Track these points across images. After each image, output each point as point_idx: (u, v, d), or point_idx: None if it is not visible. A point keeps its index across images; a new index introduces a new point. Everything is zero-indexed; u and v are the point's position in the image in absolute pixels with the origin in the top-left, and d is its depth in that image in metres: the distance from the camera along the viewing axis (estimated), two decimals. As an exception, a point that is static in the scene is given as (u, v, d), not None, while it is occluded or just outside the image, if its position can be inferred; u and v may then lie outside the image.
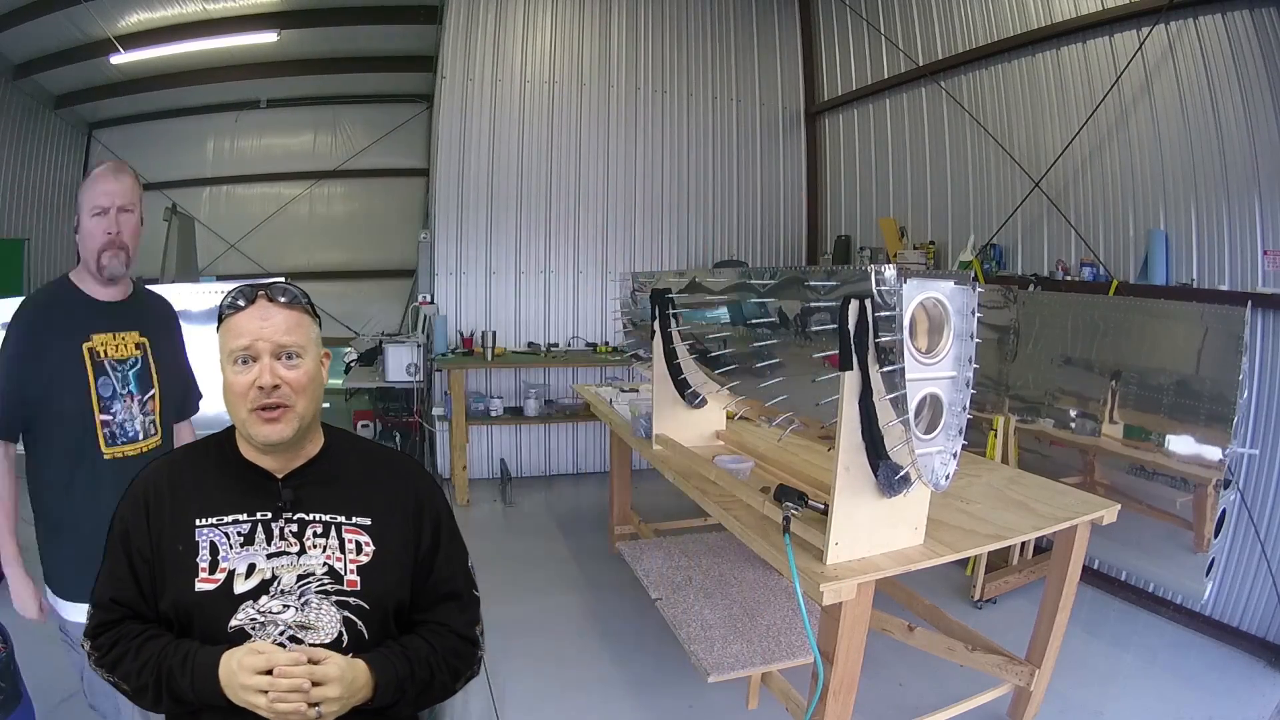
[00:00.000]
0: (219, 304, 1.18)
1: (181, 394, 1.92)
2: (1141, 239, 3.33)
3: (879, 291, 1.56)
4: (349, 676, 1.06)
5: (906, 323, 1.55)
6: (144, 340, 1.76)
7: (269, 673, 1.02)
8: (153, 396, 1.77)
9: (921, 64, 4.56)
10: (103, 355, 1.68)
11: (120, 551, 1.15)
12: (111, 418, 1.69)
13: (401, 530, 1.22)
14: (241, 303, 1.16)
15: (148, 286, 1.91)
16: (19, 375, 1.63)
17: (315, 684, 1.03)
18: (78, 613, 1.53)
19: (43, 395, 1.63)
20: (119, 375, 1.70)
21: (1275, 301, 2.81)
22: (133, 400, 1.72)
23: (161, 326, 1.85)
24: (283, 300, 1.16)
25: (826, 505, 1.76)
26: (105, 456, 1.67)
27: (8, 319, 1.67)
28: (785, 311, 1.96)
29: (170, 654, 1.08)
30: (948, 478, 1.65)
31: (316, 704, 1.03)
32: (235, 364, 1.13)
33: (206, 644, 1.08)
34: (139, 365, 1.75)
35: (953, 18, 4.37)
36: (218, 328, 1.18)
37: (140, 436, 1.73)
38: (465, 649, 1.24)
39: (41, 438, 1.67)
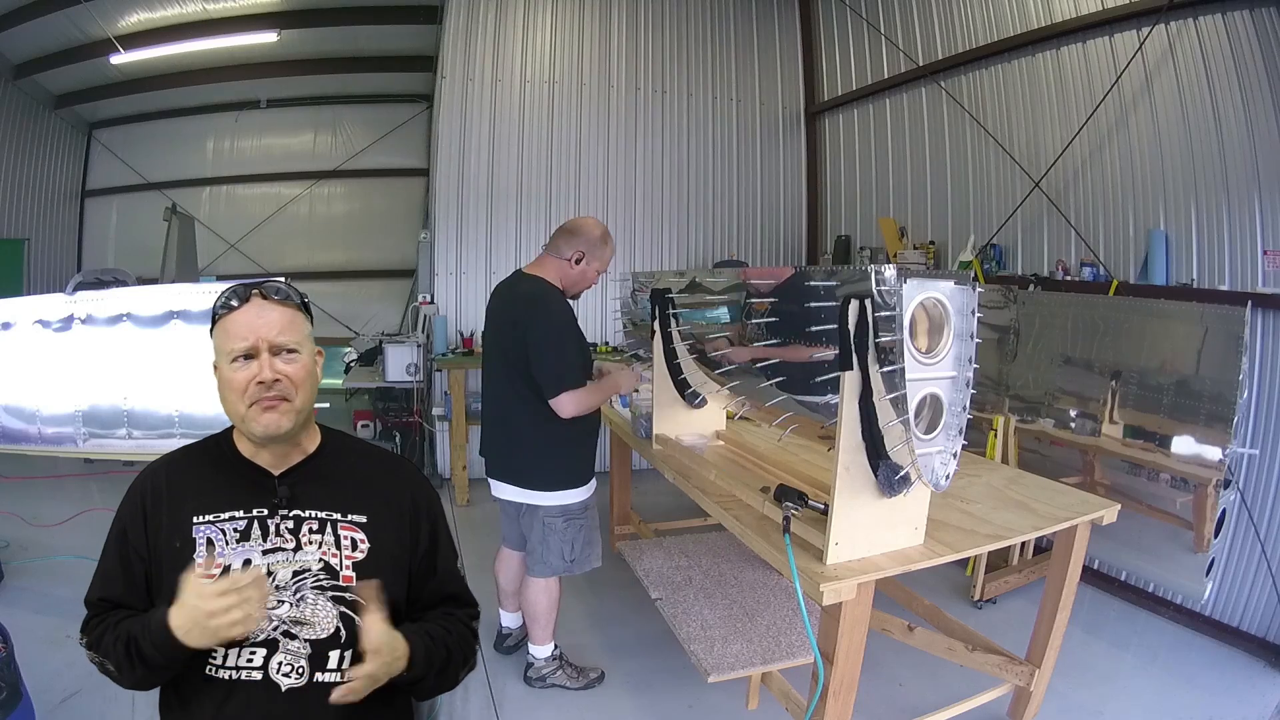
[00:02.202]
0: (212, 305, 1.17)
1: None
2: (1141, 239, 3.33)
3: (879, 291, 1.56)
4: (388, 636, 1.08)
5: (906, 323, 1.55)
6: None
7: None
8: None
9: (921, 64, 4.55)
10: None
11: (115, 551, 1.16)
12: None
13: (397, 530, 1.22)
14: (235, 302, 1.16)
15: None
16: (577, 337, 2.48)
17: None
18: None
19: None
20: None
21: (1275, 301, 2.81)
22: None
23: None
24: (276, 298, 1.17)
25: (826, 505, 1.76)
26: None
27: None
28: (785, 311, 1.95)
29: (137, 620, 1.08)
30: (948, 478, 1.65)
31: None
32: (234, 362, 1.14)
33: None
34: None
35: (953, 18, 4.37)
36: (211, 329, 1.18)
37: None
38: (469, 640, 1.26)
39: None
